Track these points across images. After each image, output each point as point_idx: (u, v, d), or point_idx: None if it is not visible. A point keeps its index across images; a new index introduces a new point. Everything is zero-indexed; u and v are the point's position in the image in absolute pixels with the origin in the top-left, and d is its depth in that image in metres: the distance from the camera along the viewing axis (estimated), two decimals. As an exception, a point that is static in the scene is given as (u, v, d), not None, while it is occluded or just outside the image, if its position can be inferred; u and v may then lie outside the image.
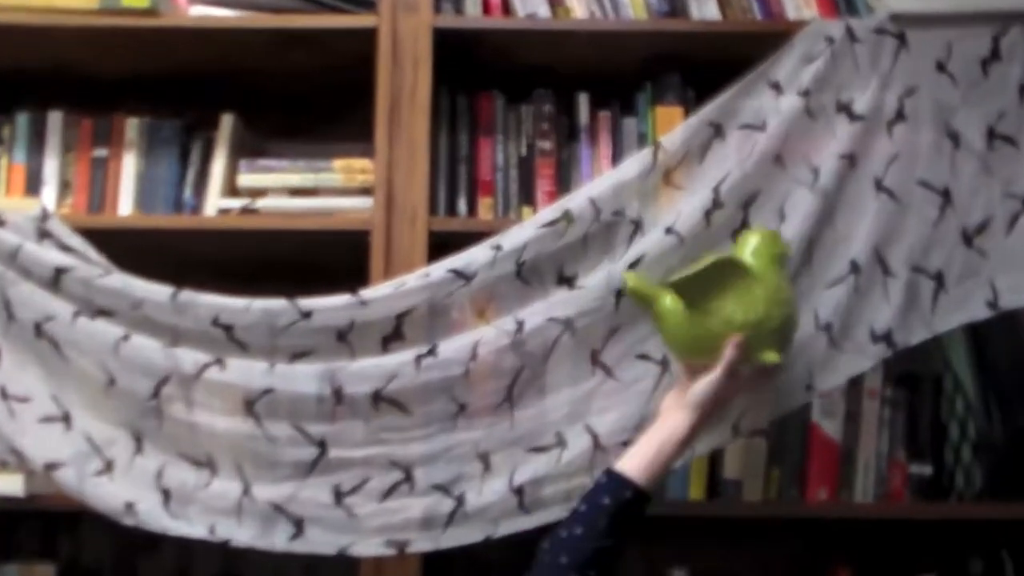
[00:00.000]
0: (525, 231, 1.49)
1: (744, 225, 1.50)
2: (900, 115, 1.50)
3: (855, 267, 1.48)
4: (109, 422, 1.47)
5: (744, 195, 1.50)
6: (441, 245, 1.56)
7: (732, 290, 1.35)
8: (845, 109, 1.51)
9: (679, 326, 1.38)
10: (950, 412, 1.70)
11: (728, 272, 1.36)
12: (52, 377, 1.48)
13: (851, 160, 1.49)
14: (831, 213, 1.50)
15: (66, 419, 1.47)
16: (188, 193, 1.72)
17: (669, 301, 1.38)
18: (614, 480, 1.31)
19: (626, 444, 1.41)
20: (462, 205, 1.71)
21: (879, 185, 1.49)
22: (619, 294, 1.46)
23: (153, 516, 1.45)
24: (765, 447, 1.68)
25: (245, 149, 1.76)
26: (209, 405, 1.45)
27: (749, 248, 1.40)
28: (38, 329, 1.46)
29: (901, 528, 1.74)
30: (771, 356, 1.35)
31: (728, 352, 1.34)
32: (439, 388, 1.46)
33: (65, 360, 1.47)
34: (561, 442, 1.46)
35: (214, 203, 1.69)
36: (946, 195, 1.50)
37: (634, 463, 1.32)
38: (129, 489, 1.46)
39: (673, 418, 1.35)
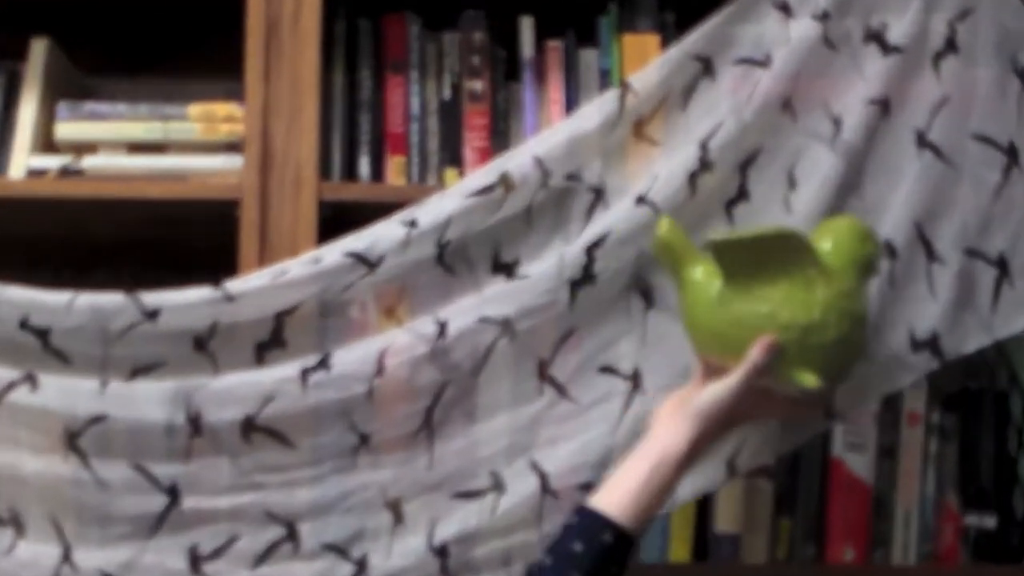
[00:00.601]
0: (449, 202, 1.50)
1: (742, 193, 1.52)
2: (951, 45, 1.52)
3: (890, 250, 1.49)
4: None
5: (742, 153, 1.51)
6: (336, 220, 1.56)
7: (788, 277, 1.36)
8: (876, 38, 1.52)
9: (707, 304, 1.39)
10: (1020, 444, 1.72)
11: (790, 252, 1.36)
12: None
13: (884, 106, 1.51)
14: (857, 177, 1.51)
15: None
16: (-15, 148, 1.70)
17: (701, 272, 1.40)
18: (588, 519, 1.31)
19: (586, 488, 1.44)
20: (364, 166, 1.69)
21: (922, 140, 1.50)
22: (575, 285, 1.48)
23: (-67, 595, 1.44)
24: (771, 491, 1.69)
25: (67, 88, 1.75)
26: (14, 439, 1.44)
27: (830, 238, 1.40)
28: None
29: (953, 598, 1.73)
30: (807, 378, 1.35)
31: (754, 352, 1.34)
32: (333, 413, 1.47)
33: None
34: (498, 485, 1.48)
35: (22, 162, 1.67)
36: (1012, 153, 1.52)
37: (615, 497, 1.32)
38: None
39: (668, 431, 1.35)
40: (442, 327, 1.48)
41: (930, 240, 1.50)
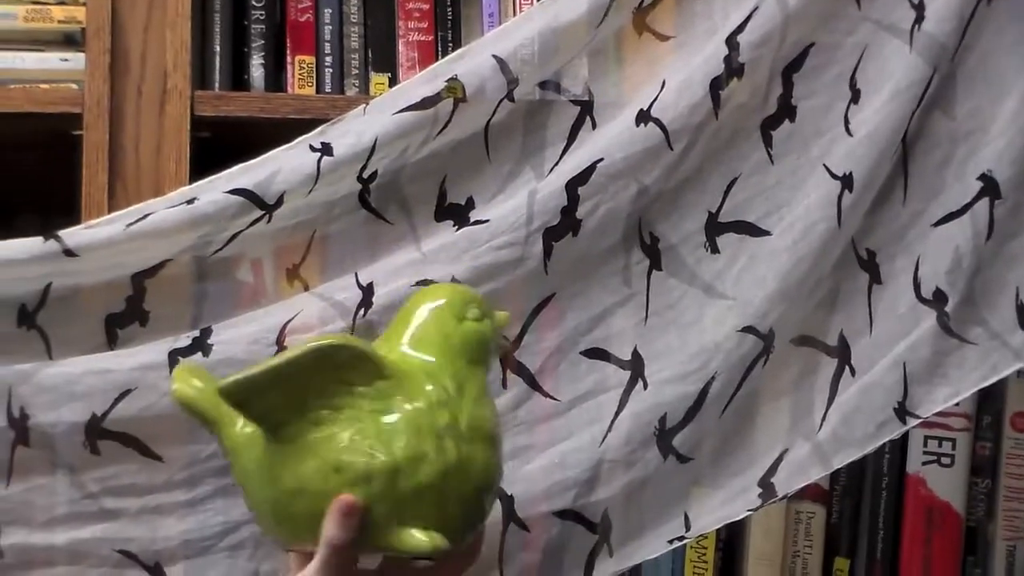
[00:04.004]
0: (376, 119, 1.42)
1: (785, 108, 1.45)
2: None
3: (991, 186, 1.42)
4: None
5: (786, 52, 1.45)
6: (217, 144, 1.53)
7: (348, 408, 1.25)
8: None
9: (259, 475, 1.28)
10: None
11: (341, 371, 1.25)
12: None
13: None
14: (948, 86, 1.45)
15: None
16: None
17: (247, 431, 1.28)
18: None
19: (567, 515, 1.41)
20: (257, 69, 1.64)
21: None
22: (551, 236, 1.42)
23: None
24: (823, 519, 1.66)
25: None
26: None
27: (414, 324, 1.30)
28: None
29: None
30: (416, 538, 1.23)
31: (327, 526, 1.23)
32: (216, 411, 1.40)
33: None
34: None
35: None
36: None
37: None
38: None
39: None
40: (366, 293, 1.41)
41: (1054, 168, 1.46)
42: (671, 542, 1.45)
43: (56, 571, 1.37)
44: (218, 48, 1.63)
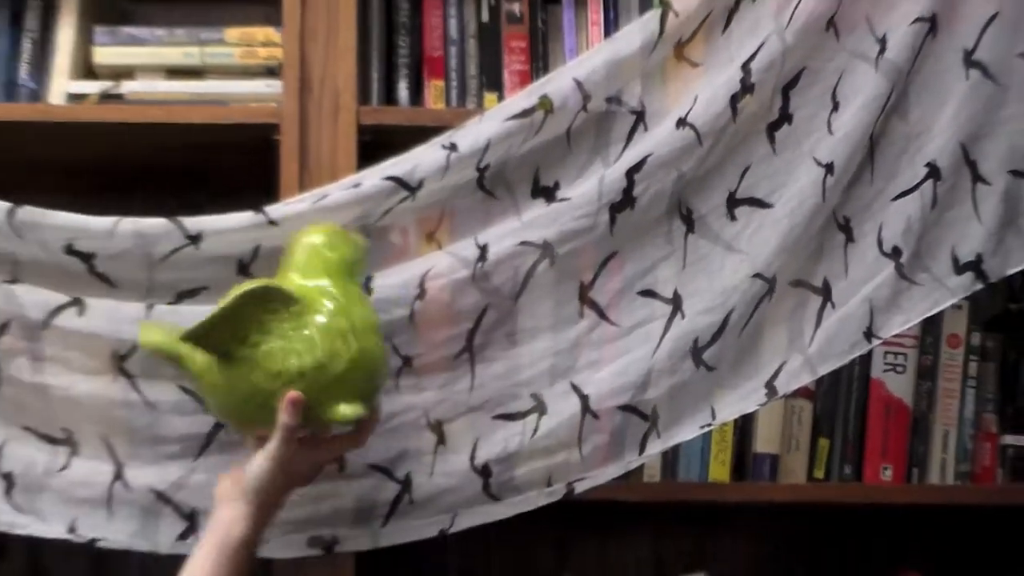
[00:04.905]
0: (488, 125, 1.59)
1: (784, 116, 1.61)
2: (1003, -46, 1.56)
3: (934, 171, 1.58)
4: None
5: (784, 75, 1.59)
6: (375, 144, 1.66)
7: (276, 328, 1.41)
8: (925, -49, 1.57)
9: (219, 390, 1.44)
10: (1060, 365, 1.83)
11: (266, 304, 1.40)
12: None
13: (931, 25, 1.58)
14: (903, 98, 1.59)
15: None
16: (24, 73, 1.78)
17: (201, 360, 1.43)
18: None
19: (626, 408, 1.58)
20: (403, 90, 1.79)
21: (969, 59, 1.57)
22: (615, 209, 1.59)
23: (-11, 511, 1.54)
24: (810, 411, 1.81)
25: (104, 12, 1.82)
26: (65, 361, 1.53)
27: (298, 260, 1.45)
28: None
29: (991, 518, 1.90)
30: (347, 410, 1.40)
31: (282, 416, 1.39)
32: (375, 337, 1.50)
33: None
34: (539, 406, 1.60)
35: (62, 86, 1.75)
36: (1062, 70, 1.57)
37: None
38: (-46, 476, 1.53)
39: (227, 514, 1.42)
40: (482, 250, 1.58)
41: (976, 161, 1.58)
42: (702, 428, 1.61)
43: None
44: (375, 75, 1.78)
